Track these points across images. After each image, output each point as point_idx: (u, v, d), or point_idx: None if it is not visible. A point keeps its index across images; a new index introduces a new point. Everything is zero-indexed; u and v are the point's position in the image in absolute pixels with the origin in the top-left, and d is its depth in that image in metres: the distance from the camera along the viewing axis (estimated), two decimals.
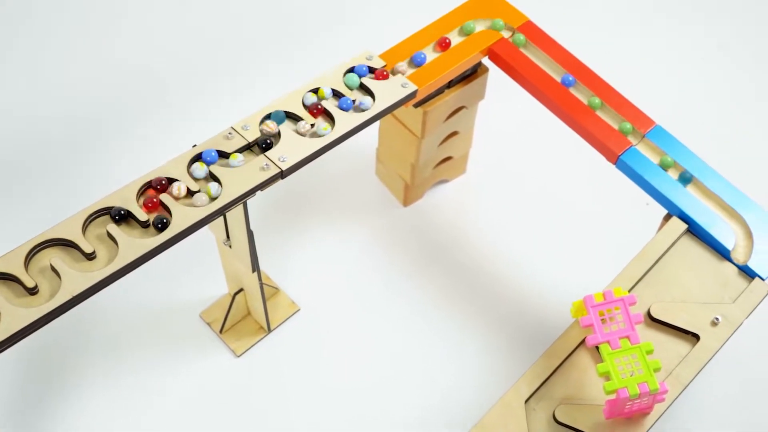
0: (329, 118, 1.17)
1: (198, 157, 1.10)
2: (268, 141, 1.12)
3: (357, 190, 1.55)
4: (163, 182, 1.07)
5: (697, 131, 1.54)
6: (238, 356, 1.36)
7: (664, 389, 1.03)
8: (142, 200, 1.06)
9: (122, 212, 1.04)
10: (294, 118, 1.16)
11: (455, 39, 1.30)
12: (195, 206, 1.06)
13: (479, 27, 1.32)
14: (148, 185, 1.07)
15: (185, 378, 1.33)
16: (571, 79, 1.27)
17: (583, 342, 1.12)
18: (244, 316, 1.39)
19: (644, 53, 1.78)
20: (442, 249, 1.47)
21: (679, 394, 1.09)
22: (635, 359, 1.03)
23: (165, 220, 1.04)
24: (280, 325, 1.39)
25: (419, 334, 1.38)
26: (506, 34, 1.32)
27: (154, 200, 1.05)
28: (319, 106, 1.16)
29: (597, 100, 1.25)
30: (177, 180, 1.07)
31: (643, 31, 1.82)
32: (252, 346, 1.37)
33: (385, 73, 1.22)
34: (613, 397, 1.05)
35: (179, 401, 1.31)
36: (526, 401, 1.08)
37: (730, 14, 1.85)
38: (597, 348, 1.11)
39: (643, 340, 1.09)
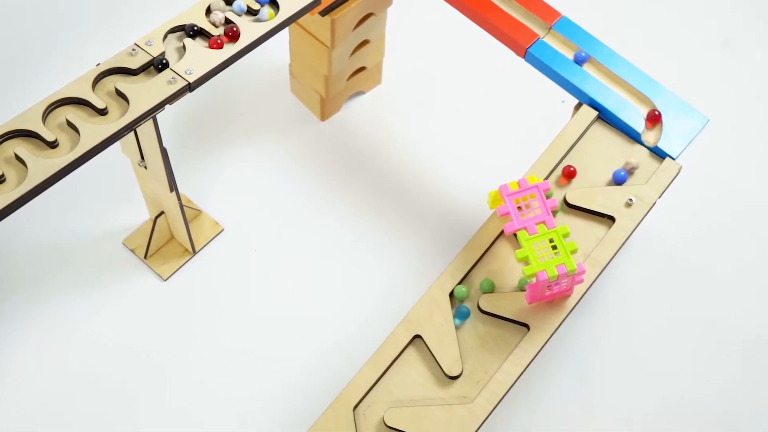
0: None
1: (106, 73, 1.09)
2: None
3: (273, 108, 1.54)
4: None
5: (602, 22, 1.55)
6: (165, 280, 1.35)
7: (581, 269, 1.05)
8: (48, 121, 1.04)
9: (29, 133, 1.02)
10: (203, 33, 1.14)
11: None
12: (105, 123, 1.04)
13: None
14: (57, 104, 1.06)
15: (113, 305, 1.32)
16: None
17: (502, 232, 1.14)
18: (168, 240, 1.39)
19: None
20: (363, 161, 1.48)
21: (598, 275, 1.11)
22: (552, 243, 1.05)
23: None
24: (204, 246, 1.39)
25: (346, 246, 1.39)
26: None
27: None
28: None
29: None
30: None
31: None
32: (178, 269, 1.37)
33: None
34: (533, 281, 1.07)
35: (107, 328, 1.30)
36: (450, 294, 1.10)
37: None
38: (515, 236, 1.12)
39: (560, 225, 1.11)
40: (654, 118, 1.19)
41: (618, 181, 1.15)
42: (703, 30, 1.68)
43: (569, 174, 1.16)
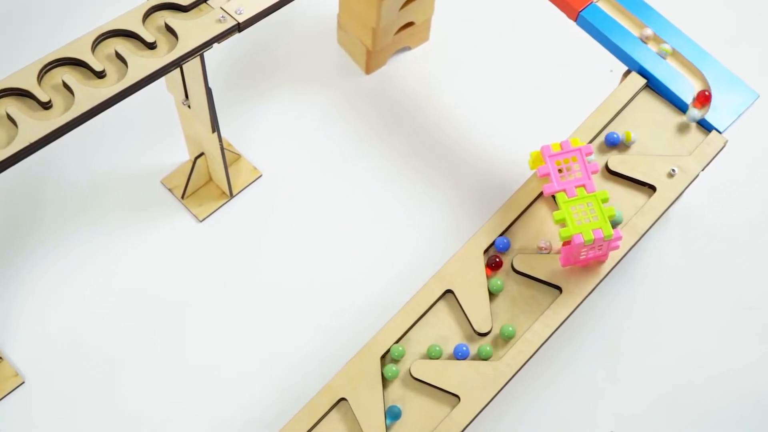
0: None
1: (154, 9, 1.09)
2: None
3: (319, 58, 1.53)
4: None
5: None
6: (201, 221, 1.36)
7: (618, 235, 1.04)
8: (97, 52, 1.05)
9: (78, 62, 1.03)
10: None
11: None
12: (153, 57, 1.05)
13: None
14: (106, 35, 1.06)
15: (147, 242, 1.34)
16: None
17: (541, 194, 1.13)
18: (206, 182, 1.39)
19: None
20: (405, 115, 1.47)
21: (635, 243, 1.10)
22: (591, 207, 1.04)
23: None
24: (242, 190, 1.39)
25: (382, 200, 1.39)
26: None
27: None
28: None
29: None
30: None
31: None
32: (214, 211, 1.37)
33: None
34: (568, 243, 1.06)
35: (142, 264, 1.31)
36: (485, 251, 1.10)
37: None
38: (554, 198, 1.12)
39: (600, 190, 1.10)
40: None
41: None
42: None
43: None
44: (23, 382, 1.22)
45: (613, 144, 1.15)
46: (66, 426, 1.19)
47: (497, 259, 1.08)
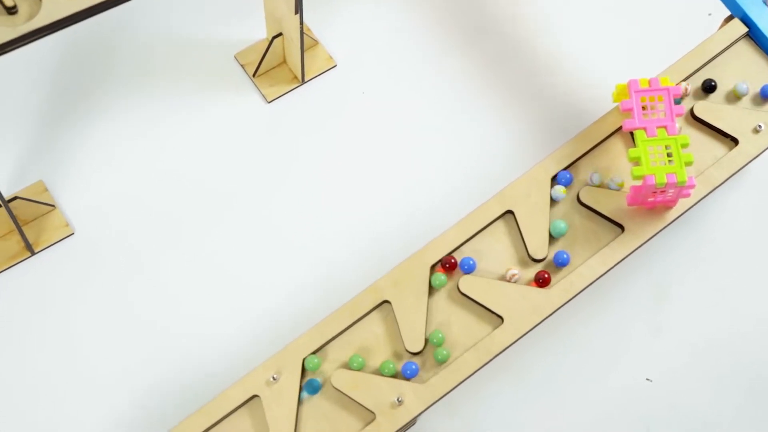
0: None
1: None
2: None
3: None
4: None
5: None
6: (269, 102, 1.34)
7: (691, 183, 1.01)
8: None
9: None
10: None
11: None
12: None
13: None
14: None
15: (212, 115, 1.32)
16: None
17: (618, 130, 1.10)
18: (279, 64, 1.37)
19: None
20: (495, 19, 1.43)
21: (707, 194, 1.08)
22: (669, 150, 1.01)
23: None
24: (314, 78, 1.37)
25: (455, 105, 1.36)
26: None
27: None
28: None
29: None
30: None
31: None
32: (284, 94, 1.35)
33: None
34: (639, 183, 1.04)
35: (202, 137, 1.31)
36: (553, 178, 1.08)
37: None
38: (632, 135, 1.09)
39: (681, 135, 1.07)
40: None
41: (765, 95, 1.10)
42: None
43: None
44: (72, 233, 1.23)
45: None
46: (107, 283, 1.20)
47: (452, 260, 1.03)
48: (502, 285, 1.01)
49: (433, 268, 1.03)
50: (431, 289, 1.02)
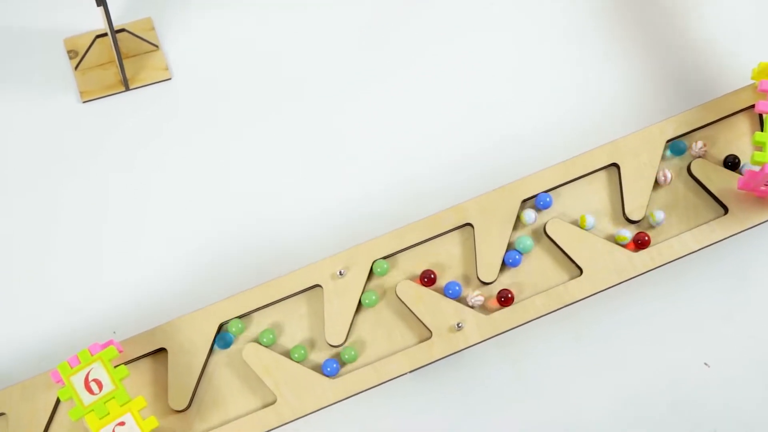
0: None
1: None
2: None
3: None
4: None
5: None
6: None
7: None
8: None
9: None
10: None
11: None
12: None
13: None
14: None
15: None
16: None
17: (748, 108, 1.05)
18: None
19: None
20: None
21: None
22: None
23: None
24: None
25: (577, 38, 1.29)
26: None
27: None
28: None
29: None
30: None
31: None
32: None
33: None
34: (756, 169, 0.99)
35: None
36: (668, 141, 1.03)
37: None
38: (761, 118, 1.04)
39: None
40: None
41: None
42: None
43: None
44: (170, 78, 1.21)
45: None
46: (192, 136, 1.18)
47: (432, 276, 0.98)
48: (592, 237, 0.98)
49: (524, 203, 1.00)
50: (517, 222, 1.00)
